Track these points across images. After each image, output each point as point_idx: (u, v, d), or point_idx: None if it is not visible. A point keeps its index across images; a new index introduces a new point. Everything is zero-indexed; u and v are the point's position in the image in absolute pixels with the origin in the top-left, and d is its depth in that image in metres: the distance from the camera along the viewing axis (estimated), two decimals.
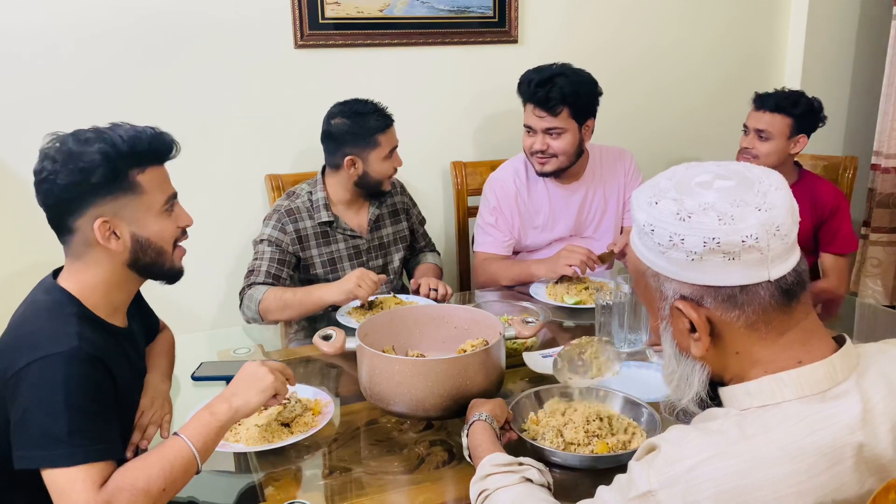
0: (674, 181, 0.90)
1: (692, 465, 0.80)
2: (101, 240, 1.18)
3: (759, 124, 2.29)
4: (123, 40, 2.28)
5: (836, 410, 0.82)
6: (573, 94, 2.16)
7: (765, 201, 0.84)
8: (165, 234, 1.26)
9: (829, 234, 2.38)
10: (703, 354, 0.89)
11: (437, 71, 2.66)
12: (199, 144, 2.40)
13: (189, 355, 1.69)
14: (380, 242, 2.26)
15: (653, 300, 0.93)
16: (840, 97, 3.24)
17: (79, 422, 1.07)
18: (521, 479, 1.08)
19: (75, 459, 1.06)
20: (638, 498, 0.83)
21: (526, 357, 1.66)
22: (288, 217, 2.11)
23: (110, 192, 1.18)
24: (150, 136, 1.22)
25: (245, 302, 2.02)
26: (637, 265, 0.94)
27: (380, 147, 2.10)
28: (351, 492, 1.23)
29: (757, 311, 0.85)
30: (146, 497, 1.07)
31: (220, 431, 1.18)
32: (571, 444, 1.27)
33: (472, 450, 1.20)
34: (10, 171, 2.23)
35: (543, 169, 2.25)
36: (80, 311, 1.19)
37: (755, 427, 0.81)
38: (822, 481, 0.78)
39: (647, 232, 0.88)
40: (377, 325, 1.54)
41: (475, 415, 1.24)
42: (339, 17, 2.48)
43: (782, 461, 0.78)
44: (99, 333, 1.19)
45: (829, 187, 2.42)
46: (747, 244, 0.82)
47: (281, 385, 1.25)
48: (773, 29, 3.15)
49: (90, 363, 1.12)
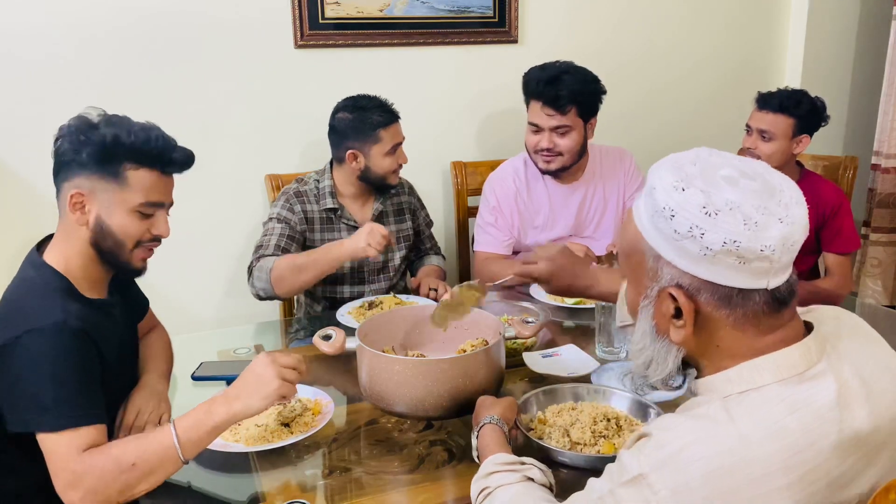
0: (699, 167, 0.87)
1: (681, 446, 0.81)
2: (69, 208, 1.25)
3: (761, 124, 2.28)
4: (124, 40, 2.28)
5: (814, 390, 0.84)
6: (581, 93, 2.16)
7: (787, 214, 0.83)
8: (129, 231, 1.28)
9: (831, 233, 2.38)
10: (682, 341, 0.90)
11: (437, 71, 2.66)
12: (199, 144, 2.36)
13: (189, 355, 1.69)
14: None
15: (641, 278, 0.91)
16: (840, 97, 3.23)
17: (64, 391, 1.15)
18: (522, 478, 1.08)
19: (60, 424, 1.13)
20: (629, 482, 0.84)
21: (526, 357, 1.66)
22: (296, 198, 2.14)
23: (96, 172, 1.24)
24: (159, 141, 1.27)
25: (255, 274, 2.00)
26: (637, 243, 0.90)
27: (381, 142, 2.11)
28: (351, 492, 1.23)
29: (747, 313, 0.86)
30: (115, 465, 1.11)
31: (212, 432, 1.16)
32: (578, 444, 1.28)
33: (480, 450, 1.20)
34: (11, 171, 2.23)
35: (549, 167, 2.24)
36: (65, 285, 1.25)
37: (739, 410, 0.83)
38: (806, 458, 0.80)
39: (665, 216, 0.85)
40: (377, 325, 1.54)
41: (486, 417, 1.24)
42: (339, 17, 2.48)
43: (767, 439, 0.80)
44: (83, 307, 1.25)
45: (831, 186, 2.42)
46: (764, 253, 0.82)
47: (288, 389, 1.18)
48: (773, 29, 3.15)
49: (75, 336, 1.18)
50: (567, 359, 1.68)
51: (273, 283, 1.96)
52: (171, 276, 2.36)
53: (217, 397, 1.19)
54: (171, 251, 2.07)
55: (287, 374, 1.18)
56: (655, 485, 0.81)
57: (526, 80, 2.23)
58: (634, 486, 0.83)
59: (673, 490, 0.80)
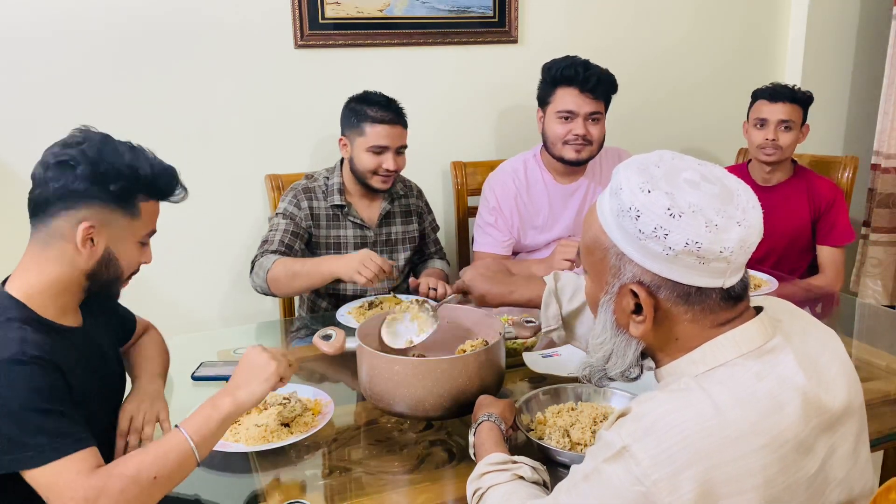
0: (663, 169, 0.90)
1: (658, 415, 0.85)
2: (78, 241, 1.17)
3: (781, 115, 2.36)
4: (124, 40, 2.28)
5: (776, 361, 0.90)
6: (608, 81, 2.23)
7: (745, 217, 0.88)
8: (133, 262, 1.27)
9: (826, 226, 2.41)
10: (642, 335, 0.94)
11: (437, 71, 2.66)
12: (200, 144, 2.40)
13: (189, 355, 1.69)
14: (387, 238, 2.26)
15: (603, 273, 0.95)
16: (840, 97, 3.24)
17: (36, 423, 1.06)
18: (512, 477, 1.08)
19: (45, 458, 1.05)
20: (613, 457, 0.86)
21: (526, 357, 1.66)
22: (304, 194, 2.16)
23: (111, 205, 1.19)
24: (169, 174, 1.25)
25: (255, 269, 2.04)
26: (601, 240, 0.93)
27: (364, 136, 2.10)
28: (351, 492, 1.24)
29: (705, 310, 0.91)
30: (135, 484, 1.07)
31: (222, 425, 1.16)
32: (578, 444, 1.28)
33: (477, 448, 1.21)
34: (11, 171, 2.23)
35: (579, 157, 2.24)
36: (24, 314, 1.16)
37: (710, 382, 0.88)
38: (774, 421, 0.85)
39: (631, 216, 0.88)
40: (377, 325, 1.54)
41: (484, 414, 1.24)
42: (339, 17, 2.48)
43: (737, 405, 0.85)
44: (46, 334, 1.16)
45: (825, 181, 2.47)
46: (723, 255, 0.86)
47: (286, 369, 1.21)
48: (773, 29, 3.15)
49: (36, 365, 1.10)
50: (567, 359, 1.68)
51: (269, 283, 2.00)
52: (171, 276, 2.37)
53: (218, 393, 1.19)
54: (170, 251, 2.08)
55: (279, 356, 1.22)
56: (638, 454, 0.83)
57: (553, 69, 2.22)
58: (618, 459, 0.85)
59: (654, 457, 0.82)
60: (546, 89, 2.26)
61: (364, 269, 1.84)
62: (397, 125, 2.13)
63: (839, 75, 3.22)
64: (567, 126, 2.21)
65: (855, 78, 3.24)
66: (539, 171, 2.35)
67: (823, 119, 3.13)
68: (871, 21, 3.17)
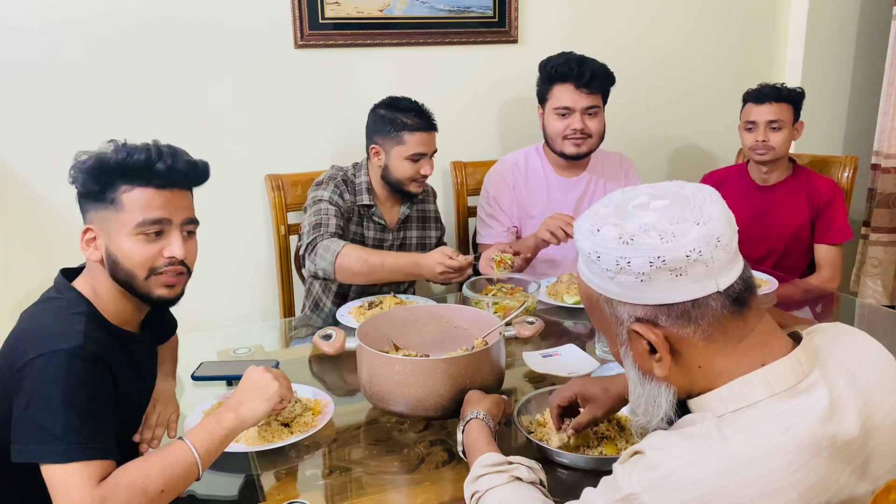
0: (612, 207, 0.91)
1: (674, 468, 0.81)
2: (82, 245, 1.22)
3: (769, 116, 2.36)
4: (124, 40, 2.28)
5: (807, 404, 0.83)
6: (604, 74, 2.25)
7: (702, 215, 0.85)
8: (135, 257, 1.20)
9: (825, 223, 2.42)
10: (667, 374, 0.90)
11: (437, 71, 2.66)
12: (199, 144, 2.37)
13: (189, 355, 1.69)
14: (403, 243, 2.26)
15: (609, 326, 0.93)
16: (840, 97, 3.24)
17: (75, 420, 1.09)
18: (510, 479, 1.08)
19: (68, 456, 1.07)
20: (621, 501, 0.84)
21: (526, 357, 1.67)
22: (344, 186, 2.14)
23: (97, 202, 1.21)
24: (147, 155, 1.20)
25: (319, 252, 1.95)
26: (588, 293, 0.93)
27: (403, 145, 2.09)
28: (351, 492, 1.24)
29: (711, 322, 0.86)
30: (143, 496, 1.08)
31: (224, 440, 1.19)
32: (579, 446, 1.27)
33: (467, 447, 1.21)
34: (11, 172, 2.23)
35: (580, 150, 2.27)
36: (90, 311, 1.21)
37: (733, 428, 0.83)
38: (803, 476, 0.79)
39: (593, 259, 0.88)
40: (377, 325, 1.54)
41: (472, 412, 1.24)
42: (339, 17, 2.48)
43: (762, 459, 0.79)
44: (106, 335, 1.21)
45: (825, 180, 2.48)
46: (692, 258, 0.83)
47: (286, 391, 1.26)
48: (773, 28, 3.15)
49: (92, 362, 1.13)
50: (567, 359, 1.68)
51: (336, 268, 1.93)
52: None
53: (222, 409, 1.22)
54: None
55: (280, 377, 1.26)
56: None
57: (549, 66, 2.26)
58: None
59: None
60: (543, 86, 2.30)
61: (446, 266, 1.86)
62: (433, 131, 2.14)
63: (839, 75, 3.22)
64: (565, 122, 2.24)
65: (855, 78, 3.24)
66: (540, 163, 2.40)
67: (823, 119, 3.14)
68: (871, 21, 3.17)
